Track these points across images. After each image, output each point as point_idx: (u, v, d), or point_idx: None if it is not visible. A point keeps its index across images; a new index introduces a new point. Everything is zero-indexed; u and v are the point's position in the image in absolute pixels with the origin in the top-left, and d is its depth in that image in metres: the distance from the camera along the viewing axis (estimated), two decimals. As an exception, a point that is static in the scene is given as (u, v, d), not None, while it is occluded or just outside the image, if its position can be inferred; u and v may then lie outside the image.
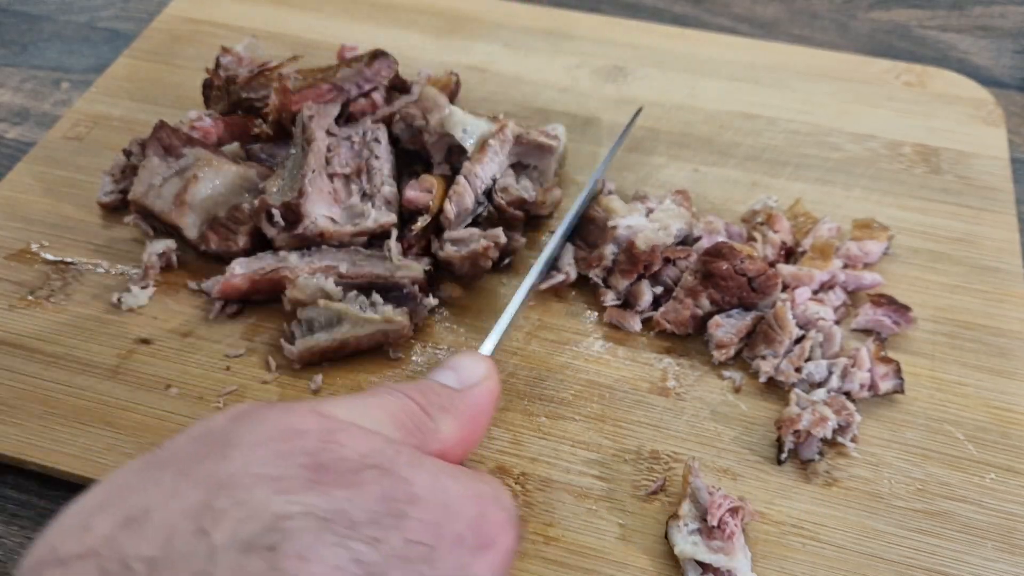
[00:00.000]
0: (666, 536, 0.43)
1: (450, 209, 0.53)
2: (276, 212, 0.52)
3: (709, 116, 0.67)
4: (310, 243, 0.53)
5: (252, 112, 0.61)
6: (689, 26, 0.78)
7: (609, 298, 0.53)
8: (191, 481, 0.25)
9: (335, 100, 0.58)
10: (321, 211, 0.53)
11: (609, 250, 0.54)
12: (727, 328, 0.50)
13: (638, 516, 0.44)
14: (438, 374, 0.33)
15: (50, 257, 0.57)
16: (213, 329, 0.52)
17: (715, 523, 0.42)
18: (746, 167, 0.63)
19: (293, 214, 0.51)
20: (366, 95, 0.60)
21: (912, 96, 0.69)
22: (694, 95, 0.69)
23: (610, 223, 0.54)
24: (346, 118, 0.60)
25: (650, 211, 0.56)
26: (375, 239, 0.54)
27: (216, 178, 0.55)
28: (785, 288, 0.52)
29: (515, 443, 0.47)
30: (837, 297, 0.52)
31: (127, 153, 0.60)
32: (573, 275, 0.54)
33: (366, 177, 0.55)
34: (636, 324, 0.52)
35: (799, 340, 0.50)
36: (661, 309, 0.52)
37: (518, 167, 0.59)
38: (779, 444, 0.46)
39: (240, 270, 0.52)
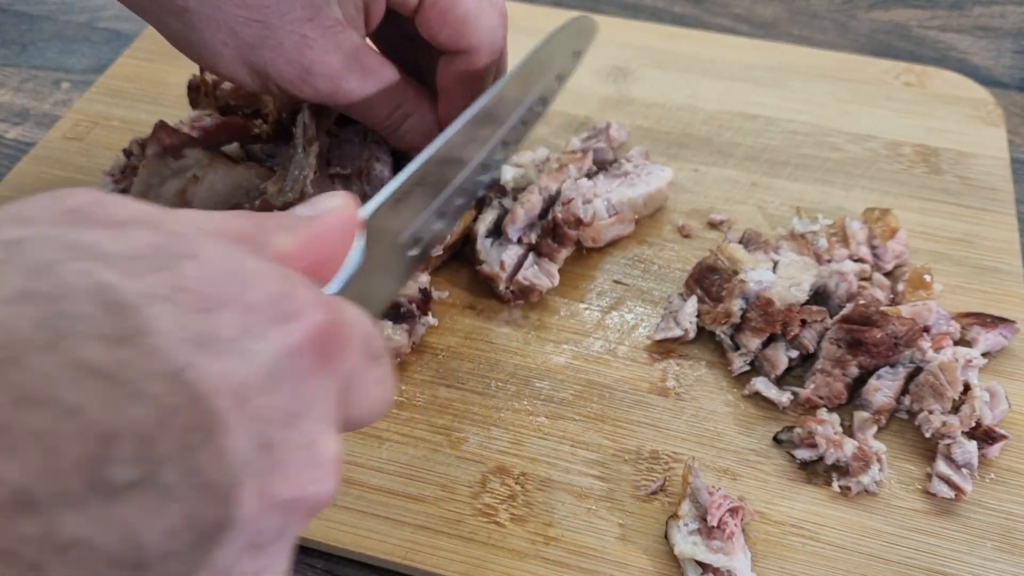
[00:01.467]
0: (666, 536, 0.43)
1: (520, 214, 0.54)
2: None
3: (709, 116, 0.67)
4: None
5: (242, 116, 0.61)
6: (689, 26, 0.78)
7: (738, 364, 0.50)
8: None
9: None
10: None
11: (737, 305, 0.50)
12: (885, 391, 0.48)
13: (638, 516, 0.44)
14: (290, 210, 0.30)
15: (50, 257, 0.57)
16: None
17: (715, 523, 0.42)
18: (746, 167, 0.63)
19: None
20: None
21: (912, 96, 0.69)
22: (694, 95, 0.69)
23: (739, 276, 0.51)
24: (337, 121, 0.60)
25: (774, 263, 0.53)
26: None
27: (216, 178, 0.55)
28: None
29: (515, 443, 0.47)
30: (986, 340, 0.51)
31: (127, 153, 0.60)
32: (693, 333, 0.51)
33: (366, 179, 0.55)
34: (784, 400, 0.48)
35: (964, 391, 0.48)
36: (811, 385, 0.48)
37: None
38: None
39: None
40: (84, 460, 0.18)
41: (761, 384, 0.49)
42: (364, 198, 0.54)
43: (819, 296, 0.52)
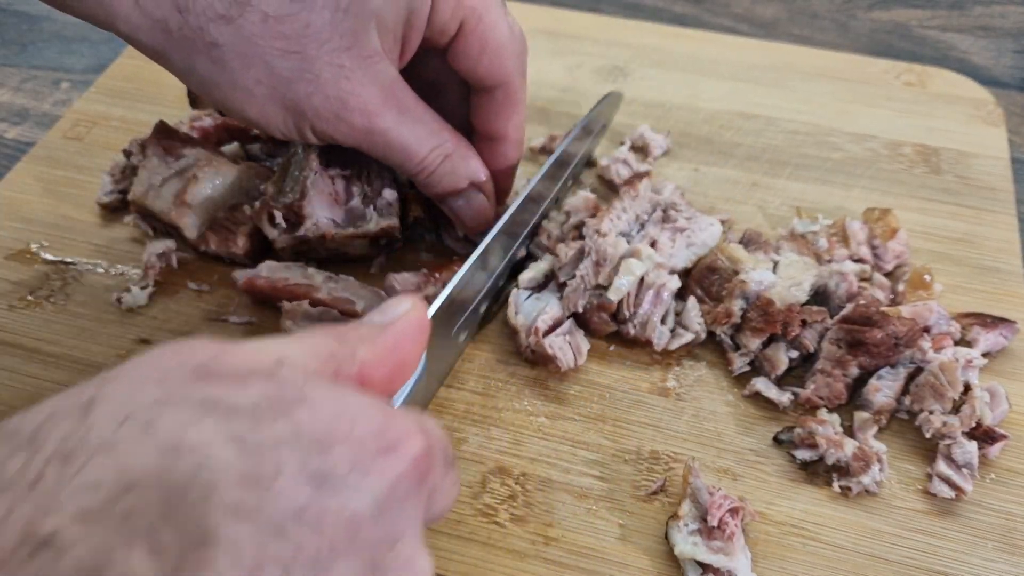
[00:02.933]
0: (666, 536, 0.43)
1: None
2: (278, 214, 0.52)
3: (709, 116, 0.67)
4: (312, 245, 0.53)
5: None
6: (689, 26, 0.78)
7: (738, 364, 0.50)
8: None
9: None
10: (323, 213, 0.53)
11: (738, 305, 0.50)
12: (885, 392, 0.48)
13: (638, 516, 0.44)
14: (365, 318, 0.32)
15: (50, 257, 0.57)
16: (213, 330, 0.52)
17: (715, 523, 0.42)
18: (746, 167, 0.63)
19: (295, 215, 0.51)
20: None
21: (912, 96, 0.69)
22: (694, 95, 0.69)
23: (740, 276, 0.51)
24: None
25: (775, 263, 0.52)
26: (375, 242, 0.54)
27: (216, 178, 0.55)
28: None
29: (515, 443, 0.47)
30: (985, 338, 0.50)
31: (127, 153, 0.60)
32: (704, 334, 0.51)
33: (366, 180, 0.55)
34: (784, 400, 0.48)
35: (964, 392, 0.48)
36: (811, 385, 0.48)
37: None
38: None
39: (266, 273, 0.52)
40: None
41: (761, 384, 0.49)
42: (364, 199, 0.55)
43: (819, 296, 0.52)
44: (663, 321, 0.51)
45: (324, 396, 0.26)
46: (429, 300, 0.42)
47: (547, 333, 0.49)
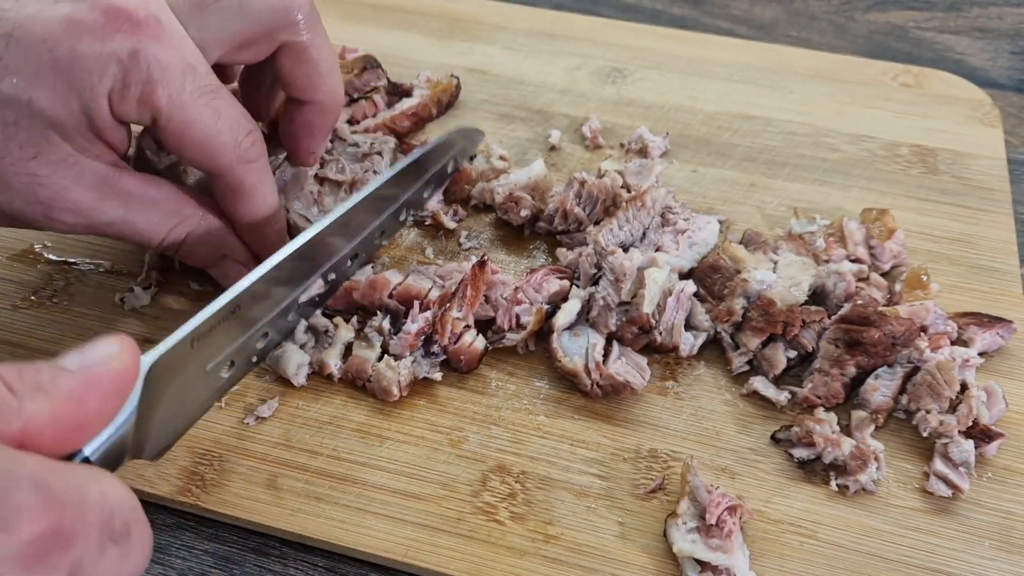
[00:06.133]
0: (665, 534, 0.43)
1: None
2: None
3: (707, 117, 0.67)
4: None
5: None
6: (687, 28, 0.78)
7: (737, 364, 0.50)
8: None
9: None
10: (297, 208, 0.53)
11: (739, 304, 0.50)
12: (883, 391, 0.48)
13: (637, 514, 0.44)
14: (61, 357, 0.29)
15: (53, 257, 0.57)
16: (214, 329, 0.53)
17: (713, 521, 0.42)
18: (744, 168, 0.63)
19: None
20: (366, 96, 0.60)
21: (909, 97, 0.69)
22: (693, 96, 0.69)
23: (742, 275, 0.51)
24: (348, 121, 0.60)
25: (774, 263, 0.53)
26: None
27: (205, 176, 0.55)
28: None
29: (515, 442, 0.47)
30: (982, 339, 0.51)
31: None
32: (713, 332, 0.51)
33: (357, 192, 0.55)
34: (782, 399, 0.49)
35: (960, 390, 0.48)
36: (809, 385, 0.49)
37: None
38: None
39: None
40: None
41: (760, 383, 0.49)
42: None
43: (817, 296, 0.52)
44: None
45: None
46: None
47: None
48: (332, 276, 0.50)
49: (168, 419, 0.39)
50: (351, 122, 0.60)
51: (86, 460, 0.30)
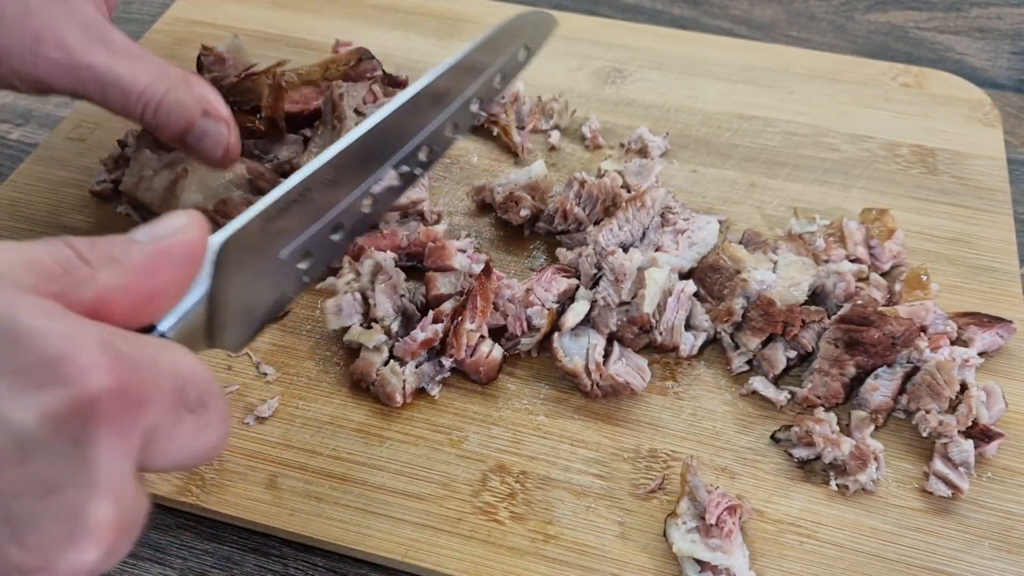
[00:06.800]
0: (664, 534, 0.43)
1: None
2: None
3: (707, 117, 0.67)
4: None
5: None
6: (687, 28, 0.78)
7: (737, 364, 0.50)
8: None
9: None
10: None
11: (739, 304, 0.50)
12: (882, 391, 0.48)
13: (637, 514, 0.45)
14: (132, 232, 0.28)
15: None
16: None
17: (713, 521, 0.42)
18: (744, 168, 0.63)
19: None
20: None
21: (909, 97, 0.69)
22: (692, 96, 0.69)
23: (742, 275, 0.51)
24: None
25: (774, 263, 0.53)
26: (407, 216, 0.56)
27: (206, 173, 0.55)
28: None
29: (515, 442, 0.47)
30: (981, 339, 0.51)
31: (122, 144, 0.61)
32: (713, 332, 0.51)
33: None
34: (782, 399, 0.49)
35: (960, 391, 0.48)
36: (808, 385, 0.49)
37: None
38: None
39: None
40: None
41: (759, 383, 0.49)
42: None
43: (817, 296, 0.52)
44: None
45: None
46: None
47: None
48: (405, 168, 0.46)
49: (244, 307, 0.38)
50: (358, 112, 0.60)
51: (161, 336, 0.29)
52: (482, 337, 0.49)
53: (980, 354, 0.50)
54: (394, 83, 0.64)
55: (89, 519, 0.23)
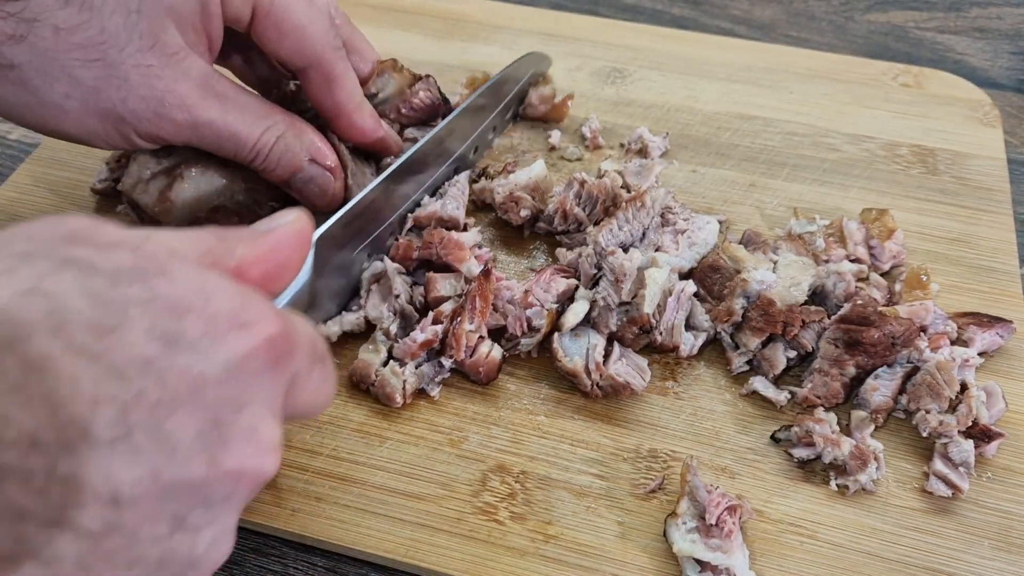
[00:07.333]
0: (664, 534, 0.43)
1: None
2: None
3: (707, 117, 0.67)
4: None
5: None
6: (687, 28, 0.78)
7: (737, 364, 0.50)
8: None
9: None
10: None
11: (739, 304, 0.50)
12: (882, 391, 0.48)
13: (637, 514, 0.45)
14: (255, 224, 0.34)
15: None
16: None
17: (713, 521, 0.42)
18: (744, 168, 0.63)
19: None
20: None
21: (909, 97, 0.69)
22: (692, 96, 0.69)
23: (742, 275, 0.51)
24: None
25: (774, 263, 0.53)
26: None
27: (202, 179, 0.55)
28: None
29: (514, 442, 0.47)
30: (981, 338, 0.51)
31: None
32: (713, 332, 0.51)
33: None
34: (782, 399, 0.49)
35: (960, 390, 0.48)
36: (808, 385, 0.49)
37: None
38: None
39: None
40: (77, 418, 0.23)
41: (759, 383, 0.49)
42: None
43: (817, 296, 0.52)
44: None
45: (185, 272, 0.27)
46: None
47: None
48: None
49: (331, 291, 0.48)
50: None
51: None
52: (482, 338, 0.49)
53: (980, 354, 0.50)
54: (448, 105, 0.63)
55: (266, 435, 0.28)
